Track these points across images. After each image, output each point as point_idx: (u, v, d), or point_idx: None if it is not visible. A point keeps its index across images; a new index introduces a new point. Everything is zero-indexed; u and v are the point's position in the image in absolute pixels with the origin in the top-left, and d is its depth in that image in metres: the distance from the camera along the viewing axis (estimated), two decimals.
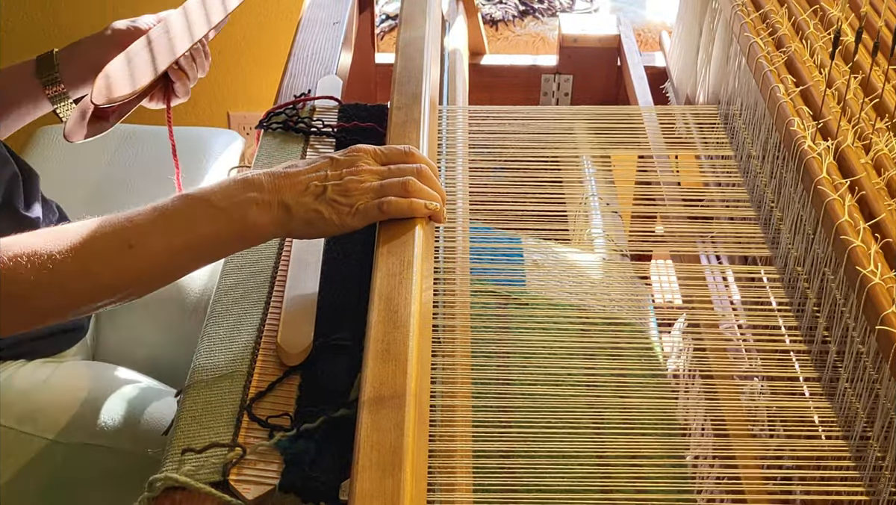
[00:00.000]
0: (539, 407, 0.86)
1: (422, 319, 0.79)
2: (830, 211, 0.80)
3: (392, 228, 0.88)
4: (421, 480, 0.69)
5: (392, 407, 0.70)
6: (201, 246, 0.87)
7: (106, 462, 1.11)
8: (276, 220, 0.87)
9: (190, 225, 0.86)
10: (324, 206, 0.87)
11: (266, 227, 0.88)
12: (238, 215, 0.86)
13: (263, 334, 0.92)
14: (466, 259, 0.99)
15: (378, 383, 0.72)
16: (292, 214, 0.87)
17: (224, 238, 0.87)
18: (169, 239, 0.85)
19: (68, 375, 1.18)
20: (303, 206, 0.87)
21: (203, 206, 0.87)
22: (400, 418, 0.69)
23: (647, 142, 1.18)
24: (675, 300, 1.02)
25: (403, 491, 0.64)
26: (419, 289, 0.81)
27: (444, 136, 1.15)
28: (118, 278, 0.85)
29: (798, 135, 0.89)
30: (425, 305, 0.82)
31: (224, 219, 0.86)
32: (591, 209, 1.16)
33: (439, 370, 0.86)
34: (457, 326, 0.91)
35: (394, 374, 0.72)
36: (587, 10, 2.24)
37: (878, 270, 0.73)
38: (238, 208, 0.86)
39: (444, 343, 0.89)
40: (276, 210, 0.87)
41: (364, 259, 1.00)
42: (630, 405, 0.86)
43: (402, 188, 0.89)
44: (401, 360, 0.74)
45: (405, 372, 0.73)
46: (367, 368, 0.73)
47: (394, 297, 0.80)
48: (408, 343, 0.75)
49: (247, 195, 0.87)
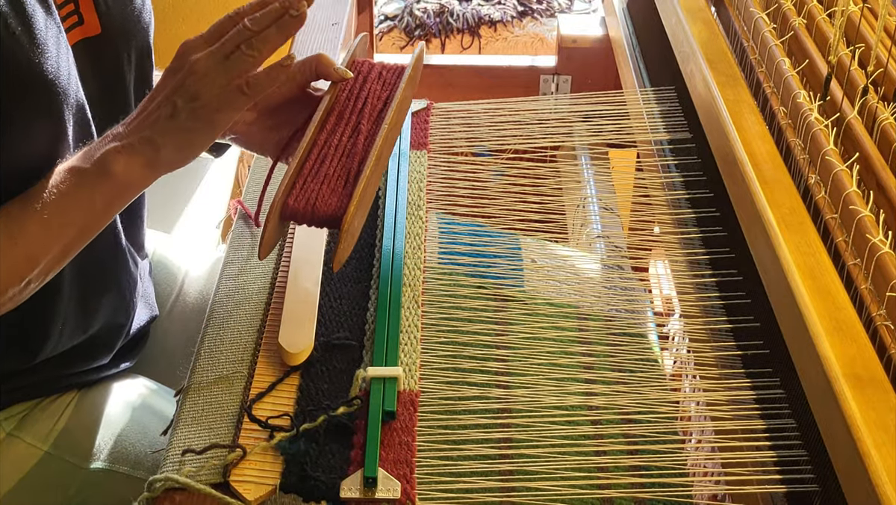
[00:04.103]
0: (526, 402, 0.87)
1: None
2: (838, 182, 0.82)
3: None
4: None
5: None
6: (82, 217, 0.86)
7: (121, 490, 1.06)
8: (146, 160, 0.85)
9: (61, 199, 0.85)
10: (185, 121, 0.84)
11: (135, 173, 0.85)
12: (102, 171, 0.85)
13: (264, 335, 0.92)
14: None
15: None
16: (158, 146, 0.85)
17: (99, 202, 0.86)
18: (48, 219, 0.84)
19: (95, 394, 1.12)
20: (165, 132, 0.85)
21: (70, 176, 0.85)
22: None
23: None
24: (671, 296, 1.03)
25: None
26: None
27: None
28: (13, 273, 0.84)
29: (804, 107, 0.90)
30: None
31: (91, 180, 0.85)
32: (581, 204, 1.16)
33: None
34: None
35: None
36: (586, 10, 2.25)
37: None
38: (100, 165, 0.85)
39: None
40: (140, 150, 0.85)
41: (365, 259, 1.00)
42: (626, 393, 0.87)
43: (248, 57, 0.84)
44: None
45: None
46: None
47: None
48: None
49: (105, 148, 0.85)
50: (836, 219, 0.82)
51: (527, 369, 0.91)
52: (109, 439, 1.07)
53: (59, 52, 0.88)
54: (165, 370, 1.18)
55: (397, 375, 0.85)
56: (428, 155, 1.13)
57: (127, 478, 1.06)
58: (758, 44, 1.06)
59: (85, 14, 0.96)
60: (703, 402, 0.89)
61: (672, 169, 1.13)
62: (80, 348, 1.06)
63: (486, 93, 1.50)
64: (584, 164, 1.29)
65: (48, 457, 1.04)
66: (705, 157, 1.06)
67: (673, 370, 1.04)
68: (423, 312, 0.94)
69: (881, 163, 0.82)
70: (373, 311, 0.93)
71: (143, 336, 1.17)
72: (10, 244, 0.84)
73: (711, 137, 1.02)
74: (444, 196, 1.09)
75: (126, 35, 1.00)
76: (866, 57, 0.93)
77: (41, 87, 0.87)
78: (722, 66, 1.05)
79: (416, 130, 1.17)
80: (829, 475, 0.72)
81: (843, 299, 0.75)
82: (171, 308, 1.25)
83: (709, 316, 0.95)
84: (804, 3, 1.04)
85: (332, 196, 0.88)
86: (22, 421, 1.05)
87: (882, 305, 0.74)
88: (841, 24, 0.91)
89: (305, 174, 0.90)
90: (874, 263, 0.75)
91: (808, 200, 0.86)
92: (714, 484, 0.83)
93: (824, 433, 0.71)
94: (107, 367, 1.11)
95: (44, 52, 0.86)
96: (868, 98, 0.88)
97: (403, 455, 0.79)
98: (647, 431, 0.85)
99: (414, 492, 0.77)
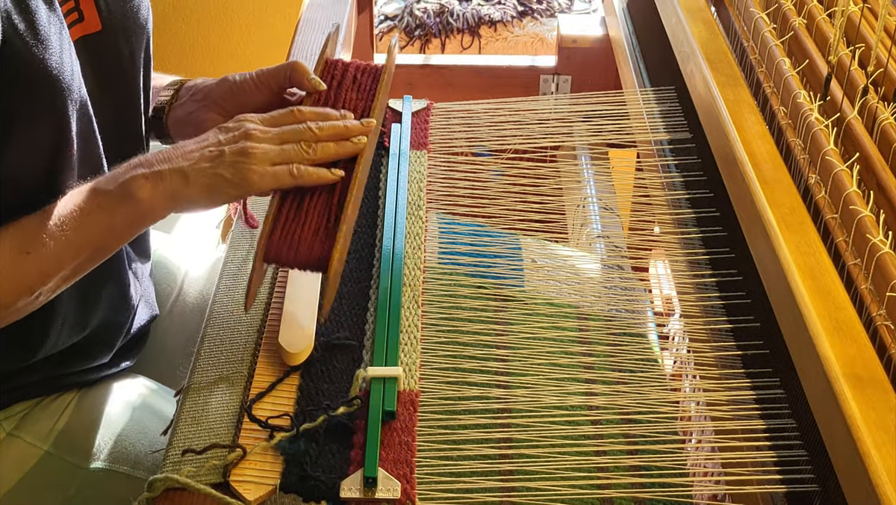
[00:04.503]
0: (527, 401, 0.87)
1: None
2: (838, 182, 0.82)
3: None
4: None
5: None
6: (98, 238, 0.87)
7: (121, 490, 1.06)
8: (171, 191, 0.86)
9: (82, 219, 0.85)
10: (225, 169, 0.86)
11: (158, 201, 0.86)
12: (125, 195, 0.85)
13: (264, 335, 0.92)
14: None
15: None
16: (190, 181, 0.86)
17: (118, 225, 0.86)
18: (65, 237, 0.85)
19: (95, 394, 1.12)
20: (201, 172, 0.86)
21: (93, 196, 0.86)
22: None
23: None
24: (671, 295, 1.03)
25: None
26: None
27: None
28: (24, 286, 0.85)
29: (804, 107, 0.90)
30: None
31: (113, 203, 0.85)
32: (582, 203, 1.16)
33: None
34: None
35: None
36: (586, 10, 2.25)
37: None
38: (124, 188, 0.85)
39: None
40: (169, 180, 0.85)
41: (365, 259, 1.00)
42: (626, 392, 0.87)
43: (304, 154, 0.88)
44: None
45: None
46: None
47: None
48: None
49: (132, 173, 0.86)
50: (836, 219, 0.82)
51: (527, 369, 0.91)
52: (109, 439, 1.07)
53: (62, 47, 0.89)
54: (165, 370, 1.18)
55: (397, 375, 0.85)
56: (428, 155, 1.13)
57: (127, 478, 1.06)
58: (758, 44, 1.06)
59: (85, 11, 0.96)
60: (704, 402, 0.89)
61: (672, 169, 1.13)
62: (79, 347, 1.06)
63: (486, 93, 1.50)
64: (584, 164, 1.29)
65: (48, 456, 1.05)
66: (705, 157, 1.06)
67: (673, 370, 1.04)
68: (423, 311, 0.94)
69: (881, 163, 0.82)
70: (373, 311, 0.93)
71: (143, 335, 1.17)
72: (25, 258, 0.85)
73: (711, 137, 1.02)
74: (444, 196, 1.09)
75: (126, 32, 1.00)
76: (866, 57, 0.93)
77: (45, 83, 0.87)
78: (722, 66, 1.05)
79: (417, 130, 1.17)
80: (829, 475, 0.72)
81: (844, 299, 0.75)
82: (171, 308, 1.25)
83: (709, 316, 0.95)
84: (804, 3, 1.04)
85: (314, 237, 0.87)
86: (22, 420, 1.05)
87: (882, 305, 0.74)
88: (841, 24, 0.91)
89: (285, 215, 0.88)
90: (874, 263, 0.75)
91: (809, 200, 0.86)
92: (714, 484, 0.83)
93: (824, 433, 0.71)
94: (107, 366, 1.11)
95: (47, 48, 0.87)
96: (868, 98, 0.88)
97: (403, 455, 0.80)
98: (648, 431, 0.85)
99: (414, 492, 0.77)
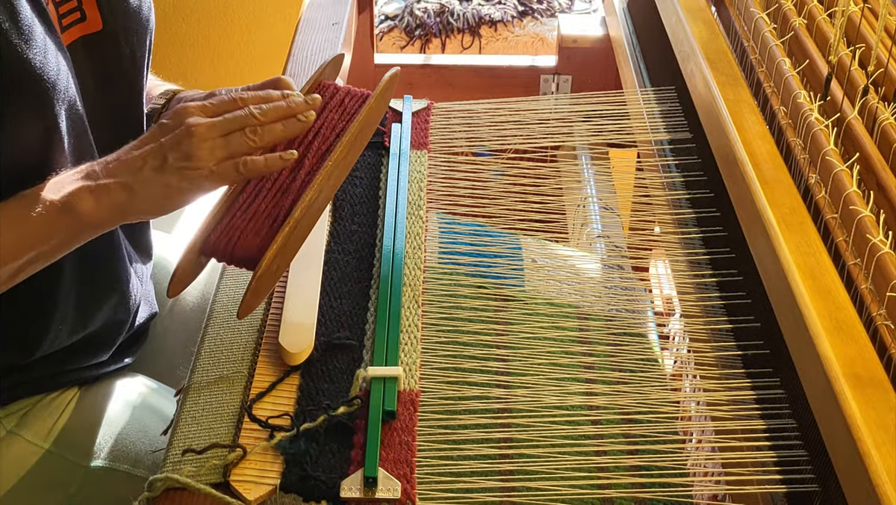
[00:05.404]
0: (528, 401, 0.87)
1: None
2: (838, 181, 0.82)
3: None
4: None
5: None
6: (37, 245, 0.85)
7: (121, 489, 1.05)
8: (116, 205, 0.85)
9: (20, 224, 0.84)
10: (171, 177, 0.84)
11: (102, 214, 0.85)
12: (66, 208, 0.84)
13: (264, 334, 0.92)
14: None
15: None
16: (136, 195, 0.84)
17: (58, 236, 0.85)
18: (3, 243, 0.83)
19: (96, 392, 1.12)
20: (146, 183, 0.84)
21: (34, 203, 0.84)
22: None
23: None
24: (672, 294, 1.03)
25: None
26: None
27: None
28: None
29: (805, 107, 0.90)
30: None
31: (53, 214, 0.84)
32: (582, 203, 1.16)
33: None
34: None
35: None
36: (586, 10, 2.25)
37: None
38: (66, 201, 0.84)
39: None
40: (115, 194, 0.84)
41: (365, 259, 1.00)
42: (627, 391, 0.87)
43: (250, 141, 0.85)
44: None
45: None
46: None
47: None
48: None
49: (76, 185, 0.85)
50: (836, 219, 0.82)
51: (527, 369, 0.91)
52: (110, 438, 1.07)
53: (46, 46, 0.88)
54: (165, 369, 1.18)
55: (397, 375, 0.85)
56: (428, 155, 1.14)
57: (127, 476, 1.06)
58: (758, 44, 1.06)
59: (87, 10, 0.96)
60: (704, 402, 0.89)
61: (672, 169, 1.13)
62: (79, 344, 1.06)
63: (486, 93, 1.50)
64: (584, 164, 1.29)
65: (49, 455, 1.05)
66: (705, 156, 1.06)
67: (673, 370, 1.04)
68: (424, 311, 0.94)
69: (881, 163, 0.82)
70: (373, 310, 0.93)
71: (143, 332, 1.17)
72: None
73: (712, 137, 1.02)
74: (444, 196, 1.10)
75: (127, 31, 1.00)
76: (866, 57, 0.93)
77: (29, 81, 0.86)
78: (722, 65, 1.05)
79: (417, 130, 1.17)
80: (829, 475, 0.72)
81: (844, 299, 0.76)
82: (171, 307, 1.25)
83: (709, 316, 0.95)
84: (804, 3, 1.04)
85: (254, 237, 0.85)
86: (22, 419, 1.05)
87: (882, 305, 0.74)
88: (841, 24, 0.91)
89: (234, 210, 0.86)
90: (874, 263, 0.75)
91: (809, 200, 0.86)
92: (714, 484, 0.83)
93: (824, 433, 0.71)
94: (107, 363, 1.11)
95: (31, 46, 0.86)
96: (868, 98, 0.88)
97: (404, 455, 0.80)
98: (648, 431, 0.85)
99: (414, 492, 0.77)
